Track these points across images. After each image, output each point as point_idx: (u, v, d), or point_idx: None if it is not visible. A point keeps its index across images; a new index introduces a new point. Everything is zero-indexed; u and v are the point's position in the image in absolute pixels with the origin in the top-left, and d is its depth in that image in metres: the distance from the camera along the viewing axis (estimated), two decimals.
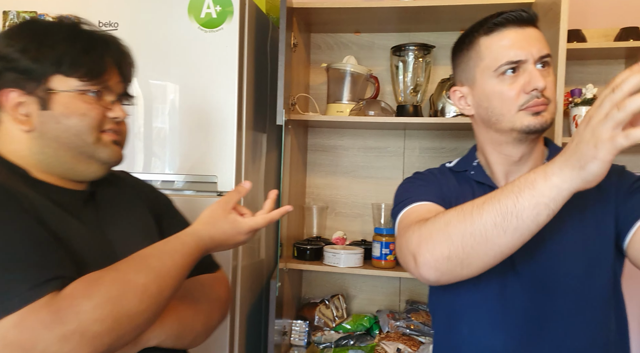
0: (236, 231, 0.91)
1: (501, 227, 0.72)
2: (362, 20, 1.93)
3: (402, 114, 1.86)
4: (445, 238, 0.77)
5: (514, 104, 0.90)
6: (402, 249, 0.86)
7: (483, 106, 0.95)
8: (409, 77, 1.88)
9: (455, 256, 0.76)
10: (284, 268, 1.74)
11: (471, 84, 0.97)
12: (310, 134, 2.10)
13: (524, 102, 0.89)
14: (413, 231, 0.83)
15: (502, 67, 0.90)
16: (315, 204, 2.04)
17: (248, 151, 1.61)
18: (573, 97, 1.77)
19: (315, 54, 2.09)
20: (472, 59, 0.95)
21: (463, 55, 0.98)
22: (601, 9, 1.91)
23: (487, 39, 0.92)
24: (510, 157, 0.97)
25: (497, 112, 0.92)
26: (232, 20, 1.48)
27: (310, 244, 1.87)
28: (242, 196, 0.98)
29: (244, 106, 1.55)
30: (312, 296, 2.05)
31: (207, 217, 0.90)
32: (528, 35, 0.91)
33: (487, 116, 0.94)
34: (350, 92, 1.95)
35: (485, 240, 0.73)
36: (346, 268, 1.78)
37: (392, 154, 2.07)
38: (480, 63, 0.93)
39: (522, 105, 0.89)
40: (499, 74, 0.91)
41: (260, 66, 1.71)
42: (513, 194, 0.71)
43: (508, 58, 0.89)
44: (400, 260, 0.90)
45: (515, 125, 0.91)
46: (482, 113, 0.96)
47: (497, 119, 0.93)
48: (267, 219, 0.96)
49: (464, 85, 0.99)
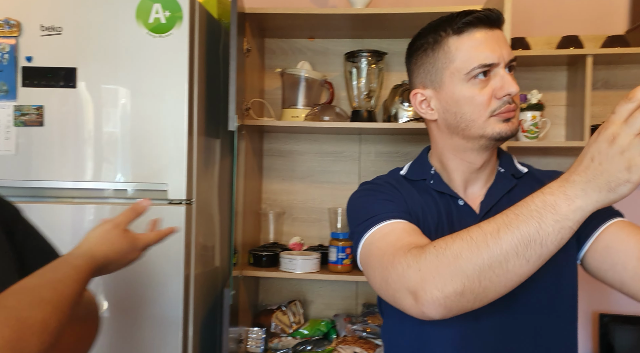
0: (132, 248, 0.89)
1: (524, 256, 0.64)
2: (316, 27, 1.94)
3: (357, 119, 1.88)
4: (457, 273, 0.67)
5: (485, 110, 0.85)
6: (390, 283, 0.74)
7: (451, 111, 0.88)
8: (363, 83, 1.90)
9: (470, 291, 0.67)
10: (239, 276, 1.72)
11: (437, 87, 0.89)
12: (265, 139, 2.10)
13: (496, 108, 0.85)
14: (408, 264, 0.72)
15: (475, 70, 0.84)
16: (271, 209, 2.03)
17: (200, 158, 1.59)
18: (519, 103, 1.83)
19: (269, 59, 2.08)
20: (440, 60, 0.87)
21: (427, 56, 0.90)
22: (544, 18, 1.98)
23: (458, 40, 0.86)
24: (472, 164, 0.92)
25: (468, 117, 0.86)
26: (182, 25, 1.46)
27: (267, 250, 1.86)
28: (139, 215, 0.95)
29: (195, 111, 1.53)
30: (269, 302, 2.04)
31: (100, 237, 0.86)
32: (497, 37, 0.86)
33: (456, 121, 0.88)
34: (305, 97, 1.95)
35: (505, 271, 0.66)
36: (303, 274, 1.78)
37: (348, 159, 2.09)
38: (450, 65, 0.86)
39: (494, 111, 0.85)
40: (470, 78, 0.85)
41: (212, 71, 1.69)
42: (534, 220, 0.63)
43: (480, 61, 0.83)
44: (383, 293, 0.78)
45: (486, 132, 0.86)
46: (450, 119, 0.89)
47: (467, 125, 0.87)
48: (159, 235, 0.96)
49: (428, 88, 0.91)
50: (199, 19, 1.53)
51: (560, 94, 1.96)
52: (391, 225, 0.82)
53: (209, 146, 1.69)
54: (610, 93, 1.93)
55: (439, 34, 0.87)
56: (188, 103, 1.50)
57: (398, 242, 0.78)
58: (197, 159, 1.56)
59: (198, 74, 1.55)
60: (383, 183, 0.95)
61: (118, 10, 1.48)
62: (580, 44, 1.82)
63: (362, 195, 0.94)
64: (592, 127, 1.77)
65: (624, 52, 1.75)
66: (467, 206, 0.91)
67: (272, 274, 1.81)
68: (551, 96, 1.95)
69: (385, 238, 0.81)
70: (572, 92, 1.90)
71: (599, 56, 1.75)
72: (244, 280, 1.80)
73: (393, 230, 0.82)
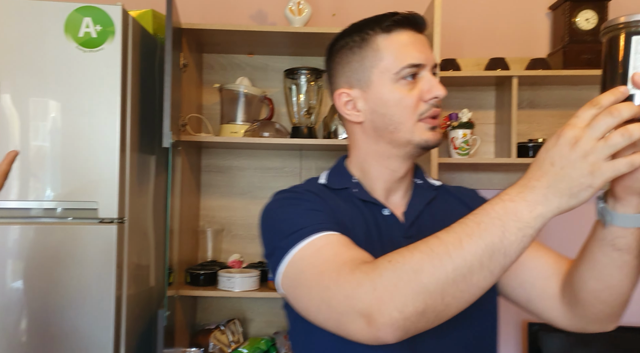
0: None
1: (488, 268, 0.59)
2: (255, 43, 1.94)
3: (297, 135, 1.89)
4: (419, 290, 0.60)
5: (413, 112, 0.82)
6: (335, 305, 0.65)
7: (379, 112, 0.84)
8: (303, 99, 1.92)
9: (432, 310, 0.61)
10: (175, 296, 1.68)
11: (365, 87, 0.85)
12: (204, 155, 2.07)
13: (424, 112, 0.83)
14: (359, 283, 0.63)
15: (405, 70, 0.82)
16: (210, 227, 2.00)
17: (133, 174, 1.54)
18: (451, 121, 1.91)
19: (208, 74, 2.07)
20: (368, 58, 0.84)
21: (354, 53, 0.85)
22: (473, 40, 2.08)
23: (387, 38, 0.83)
24: (395, 173, 0.88)
25: (396, 120, 0.83)
26: (114, 40, 1.43)
27: (204, 269, 1.83)
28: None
29: (128, 127, 1.50)
30: (207, 322, 1.99)
31: None
32: (423, 41, 0.85)
33: (384, 124, 0.84)
34: (244, 113, 1.95)
35: (469, 285, 0.60)
36: (242, 292, 1.76)
37: (289, 175, 2.09)
38: (379, 64, 0.83)
39: (422, 114, 0.83)
40: (399, 78, 0.82)
41: (147, 86, 1.66)
42: (497, 229, 0.59)
43: (409, 61, 0.82)
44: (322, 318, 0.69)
45: (413, 138, 0.83)
46: (377, 120, 0.85)
47: (395, 127, 0.84)
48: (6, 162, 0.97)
49: (354, 88, 0.86)
50: (133, 34, 1.50)
51: (489, 113, 2.06)
52: (325, 238, 0.73)
53: (143, 163, 1.65)
54: (535, 112, 2.05)
55: (366, 33, 0.85)
56: (121, 119, 1.46)
57: (338, 257, 0.69)
58: (129, 176, 1.51)
59: (132, 90, 1.51)
60: (304, 192, 0.86)
61: (46, 23, 1.43)
62: (507, 66, 1.92)
63: (282, 205, 0.83)
64: (518, 144, 1.87)
65: (546, 74, 1.86)
66: (393, 216, 0.87)
67: (210, 293, 1.78)
68: (481, 115, 2.05)
69: (321, 253, 0.71)
70: (500, 111, 2.00)
71: (523, 77, 1.86)
72: (180, 299, 1.76)
73: (328, 244, 0.72)
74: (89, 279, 1.44)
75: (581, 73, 1.85)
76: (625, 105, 0.54)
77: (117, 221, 1.46)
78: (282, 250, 0.75)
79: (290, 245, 0.74)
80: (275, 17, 2.08)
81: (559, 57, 1.94)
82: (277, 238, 0.77)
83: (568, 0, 1.91)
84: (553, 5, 2.02)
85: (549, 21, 2.07)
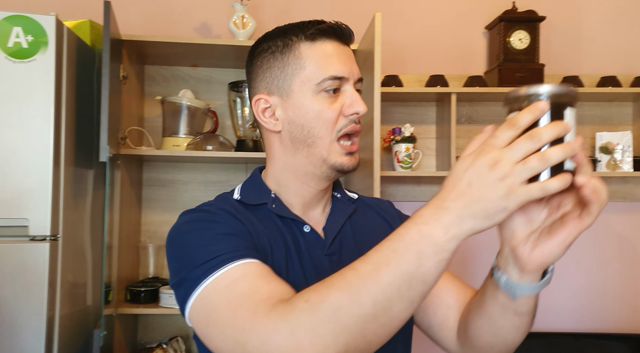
0: None
1: (408, 298, 0.57)
2: (199, 55, 1.92)
3: (242, 148, 1.88)
4: (339, 331, 0.56)
5: (332, 127, 0.78)
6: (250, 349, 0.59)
7: (298, 123, 0.80)
8: (248, 112, 1.91)
9: (355, 348, 0.58)
10: (113, 314, 1.62)
11: (285, 95, 0.80)
12: (145, 169, 2.02)
13: (342, 127, 0.79)
14: (276, 328, 0.58)
15: (326, 82, 0.78)
16: (151, 242, 1.95)
17: (68, 189, 1.49)
18: (394, 135, 1.95)
19: (150, 87, 2.03)
20: (290, 66, 0.79)
21: (276, 59, 0.80)
22: (415, 57, 2.14)
23: (311, 47, 0.79)
24: (312, 189, 0.84)
25: (315, 133, 0.79)
26: (47, 50, 1.38)
27: (145, 286, 1.78)
28: None
29: (63, 141, 1.44)
30: (148, 340, 1.93)
31: None
32: (349, 54, 0.81)
33: (302, 135, 0.80)
34: (187, 125, 1.92)
35: (390, 318, 0.57)
36: None
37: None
38: (301, 72, 0.79)
39: (340, 130, 0.79)
40: (321, 90, 0.78)
41: (84, 99, 1.61)
42: (413, 256, 0.56)
43: (331, 73, 0.78)
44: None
45: (329, 158, 0.79)
46: (295, 131, 0.80)
47: (313, 141, 0.79)
48: None
49: (273, 94, 0.81)
50: (68, 45, 1.45)
51: (431, 128, 2.12)
52: (241, 268, 0.66)
53: (80, 177, 1.59)
54: (473, 127, 2.13)
55: (289, 38, 0.80)
56: (54, 132, 1.41)
57: (255, 294, 0.63)
58: (64, 191, 1.46)
59: (67, 102, 1.46)
60: (217, 211, 0.77)
61: None
62: (446, 83, 1.99)
63: (192, 228, 0.75)
64: (457, 158, 1.93)
65: (482, 91, 1.95)
66: (314, 232, 0.83)
67: (151, 310, 1.73)
68: (423, 129, 2.11)
69: (235, 286, 0.65)
70: (441, 126, 2.06)
71: (461, 93, 1.93)
72: (119, 318, 1.70)
73: (244, 276, 0.66)
74: (18, 300, 1.37)
75: None
76: (546, 129, 0.53)
77: (50, 239, 1.40)
78: (192, 282, 0.67)
79: (202, 277, 0.66)
80: (220, 29, 2.07)
81: (494, 75, 2.03)
82: (186, 267, 0.69)
83: (502, 20, 2.01)
84: (489, 25, 2.12)
85: (485, 40, 2.17)
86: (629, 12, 2.20)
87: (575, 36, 2.19)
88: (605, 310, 2.15)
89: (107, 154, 1.46)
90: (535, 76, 1.98)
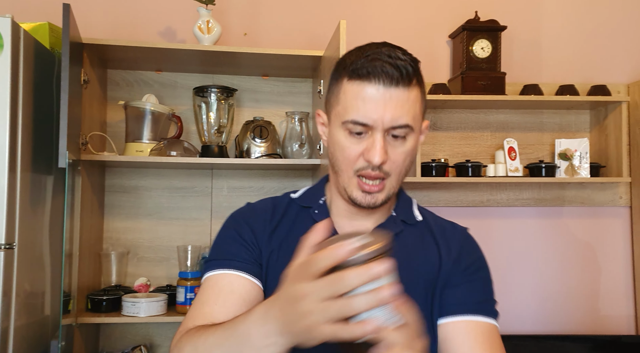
0: None
1: None
2: (163, 60, 1.90)
3: (207, 154, 1.87)
4: None
5: (352, 165, 0.80)
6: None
7: (330, 149, 0.84)
8: (213, 118, 1.90)
9: None
10: (73, 324, 1.58)
11: (328, 119, 0.86)
12: (108, 175, 1.98)
13: (360, 168, 0.80)
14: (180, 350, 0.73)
15: (349, 124, 0.78)
16: (114, 250, 1.91)
17: (25, 196, 1.44)
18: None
19: (113, 91, 1.99)
20: (334, 94, 0.83)
21: (332, 85, 0.84)
22: None
23: (348, 84, 0.79)
24: (352, 208, 0.86)
25: (338, 165, 0.82)
26: (2, 53, 1.34)
27: (107, 294, 1.74)
28: None
29: (19, 146, 1.40)
30: (111, 350, 1.89)
31: None
32: (389, 98, 0.76)
33: (332, 161, 0.84)
34: (151, 131, 1.89)
35: None
36: (148, 317, 1.69)
37: (200, 194, 2.05)
38: (336, 106, 0.81)
39: (358, 170, 0.80)
40: (345, 129, 0.79)
41: (43, 103, 1.56)
42: (235, 348, 0.62)
43: (355, 117, 0.77)
44: None
45: (348, 189, 0.82)
46: (330, 155, 0.85)
47: (338, 169, 0.83)
48: None
49: (326, 114, 0.87)
50: (25, 48, 1.41)
51: None
52: (213, 279, 0.83)
53: (38, 184, 1.55)
54: (437, 134, 2.17)
55: (342, 67, 0.81)
56: (10, 137, 1.36)
57: (192, 310, 0.81)
58: (20, 198, 1.41)
59: (24, 106, 1.42)
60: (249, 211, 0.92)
61: None
62: None
63: (226, 223, 0.92)
64: (422, 164, 1.96)
65: (446, 98, 1.98)
66: None
67: (113, 319, 1.69)
68: None
69: (202, 293, 0.82)
70: None
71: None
72: (80, 327, 1.65)
73: (207, 289, 0.83)
74: None
75: (477, 98, 1.98)
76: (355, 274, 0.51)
77: (5, 247, 1.35)
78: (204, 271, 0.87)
79: (205, 271, 0.87)
80: (185, 34, 2.05)
81: (458, 82, 2.07)
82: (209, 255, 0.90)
83: (465, 29, 2.05)
84: (452, 34, 2.16)
85: (449, 49, 2.21)
86: (586, 23, 2.28)
87: (535, 46, 2.25)
88: (565, 313, 2.21)
89: (66, 160, 1.42)
90: (497, 84, 2.03)
